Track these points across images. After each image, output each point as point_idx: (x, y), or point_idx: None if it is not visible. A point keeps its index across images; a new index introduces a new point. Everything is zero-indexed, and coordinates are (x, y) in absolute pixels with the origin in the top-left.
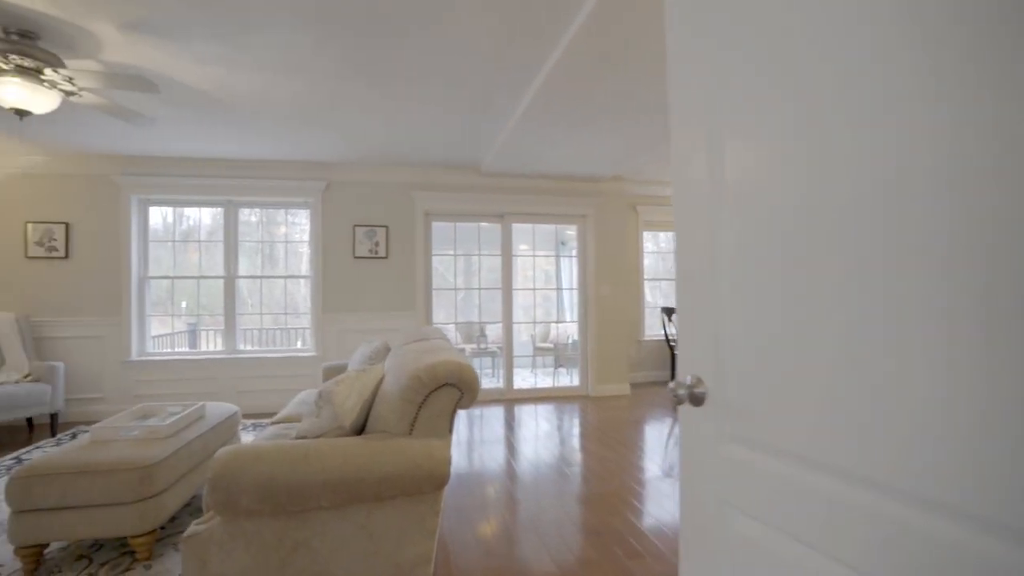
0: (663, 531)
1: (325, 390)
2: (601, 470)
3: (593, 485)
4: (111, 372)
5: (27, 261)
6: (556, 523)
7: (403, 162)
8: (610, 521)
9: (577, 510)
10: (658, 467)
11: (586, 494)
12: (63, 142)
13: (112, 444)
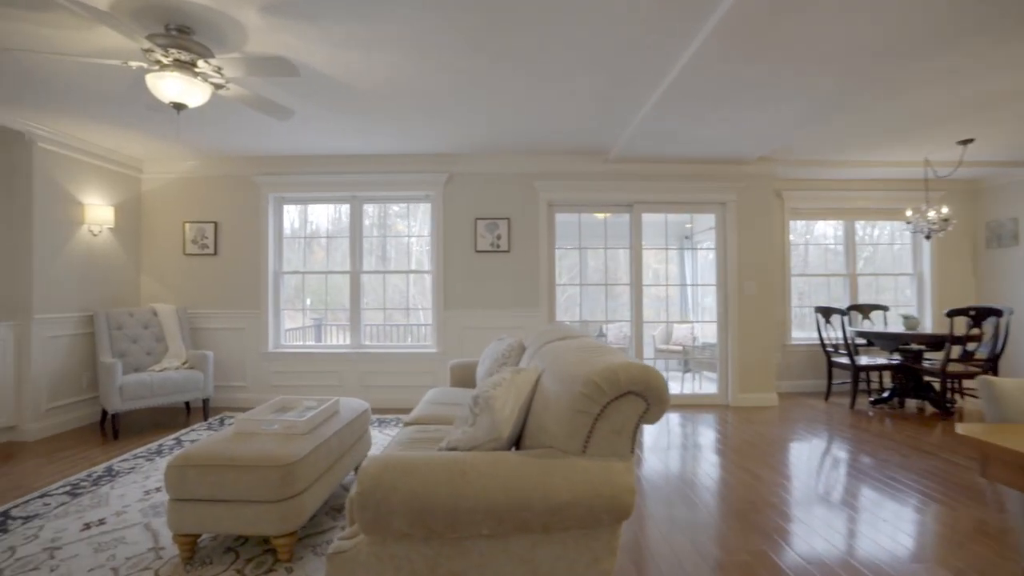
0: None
1: (484, 394)
2: (748, 493)
3: (736, 512)
4: (251, 362)
5: (185, 258)
6: (696, 559)
7: (526, 150)
8: (756, 561)
9: (718, 542)
10: (817, 496)
11: (727, 523)
12: (213, 146)
13: (254, 437)
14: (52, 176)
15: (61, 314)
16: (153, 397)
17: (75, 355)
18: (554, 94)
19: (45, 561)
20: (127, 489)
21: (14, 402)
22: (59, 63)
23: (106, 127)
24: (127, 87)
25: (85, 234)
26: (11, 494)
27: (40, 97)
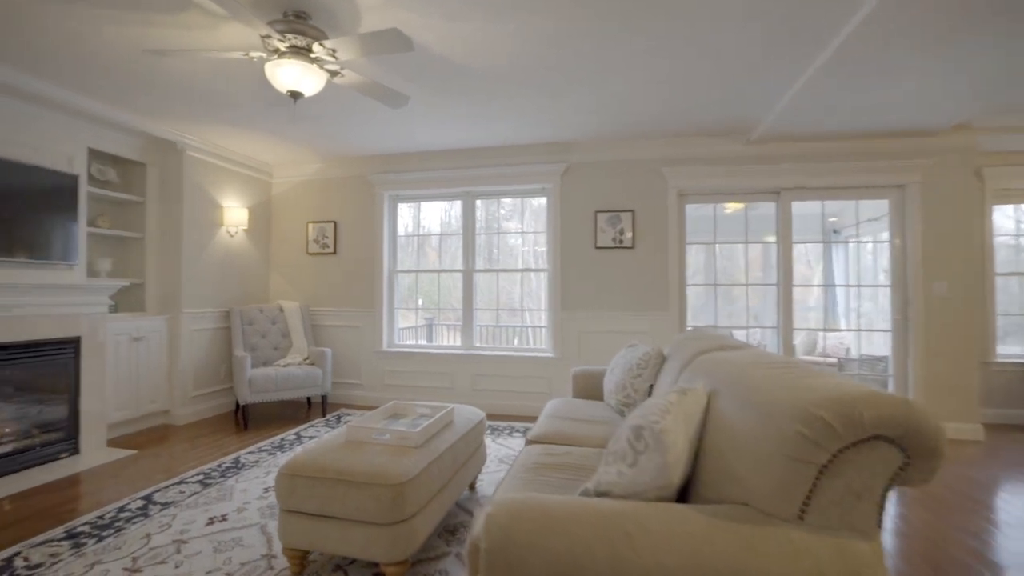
0: None
1: (652, 426)
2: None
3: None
4: (366, 360)
5: (308, 257)
6: None
7: (653, 133)
8: None
9: None
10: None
11: None
12: (333, 147)
13: (365, 448)
14: (197, 181)
15: (203, 309)
16: (277, 391)
17: (215, 347)
18: (690, 67)
19: (172, 556)
20: (249, 484)
21: (167, 388)
22: (197, 71)
23: (241, 133)
24: (253, 85)
25: (223, 235)
26: (158, 477)
27: (187, 107)
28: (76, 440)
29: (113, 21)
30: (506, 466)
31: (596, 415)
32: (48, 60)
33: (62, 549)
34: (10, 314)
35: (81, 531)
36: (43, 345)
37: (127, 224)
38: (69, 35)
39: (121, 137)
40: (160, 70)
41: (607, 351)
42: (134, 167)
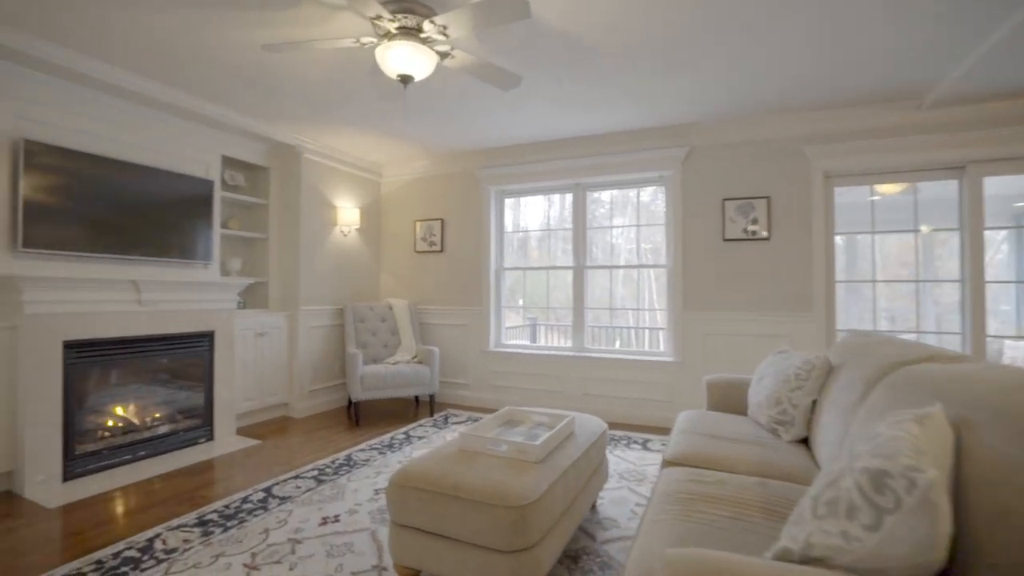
0: None
1: (906, 472)
2: None
3: None
4: (473, 360)
5: (416, 255)
6: None
7: (793, 106)
8: None
9: None
10: None
11: None
12: (439, 143)
13: (480, 460)
14: (314, 183)
15: (319, 306)
16: (387, 388)
17: (329, 344)
18: (843, 19)
19: (287, 556)
20: (360, 484)
21: (287, 382)
22: (312, 70)
23: (353, 134)
24: (364, 78)
25: (337, 235)
26: (277, 469)
27: (304, 109)
28: (211, 427)
29: (235, 24)
30: (627, 483)
31: (743, 433)
32: (186, 72)
33: (193, 536)
34: (160, 309)
35: (210, 519)
36: (185, 338)
37: (253, 225)
38: (200, 46)
39: (249, 143)
40: (279, 74)
41: (738, 357)
42: (259, 171)
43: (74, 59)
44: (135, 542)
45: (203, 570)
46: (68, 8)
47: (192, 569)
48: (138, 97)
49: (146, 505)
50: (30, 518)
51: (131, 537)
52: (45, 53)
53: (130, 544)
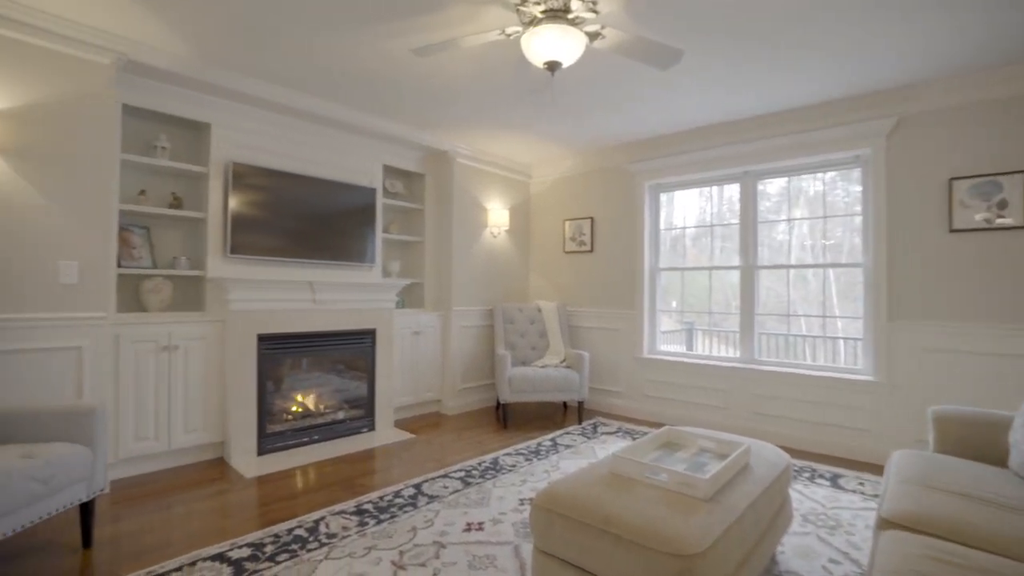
0: None
1: None
2: None
3: None
4: (626, 366)
5: (565, 255)
6: None
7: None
8: None
9: None
10: None
11: None
12: (588, 138)
13: (635, 489)
14: (465, 187)
15: (470, 307)
16: (534, 392)
17: (480, 344)
18: None
19: (431, 559)
20: (506, 491)
21: (440, 379)
22: (460, 73)
23: (502, 135)
24: (511, 73)
25: (487, 236)
26: (428, 466)
27: (455, 114)
28: (372, 418)
29: (387, 35)
30: (814, 528)
31: (1011, 496)
32: (350, 89)
33: (351, 524)
34: (331, 308)
35: (366, 509)
36: (351, 334)
37: (410, 229)
38: (359, 63)
39: (406, 152)
40: (432, 81)
41: (975, 382)
42: (416, 178)
43: (265, 88)
44: (304, 521)
45: (356, 560)
46: (258, 47)
47: (347, 558)
48: (312, 116)
49: (316, 487)
50: (233, 484)
51: (302, 516)
52: (244, 86)
53: (300, 523)
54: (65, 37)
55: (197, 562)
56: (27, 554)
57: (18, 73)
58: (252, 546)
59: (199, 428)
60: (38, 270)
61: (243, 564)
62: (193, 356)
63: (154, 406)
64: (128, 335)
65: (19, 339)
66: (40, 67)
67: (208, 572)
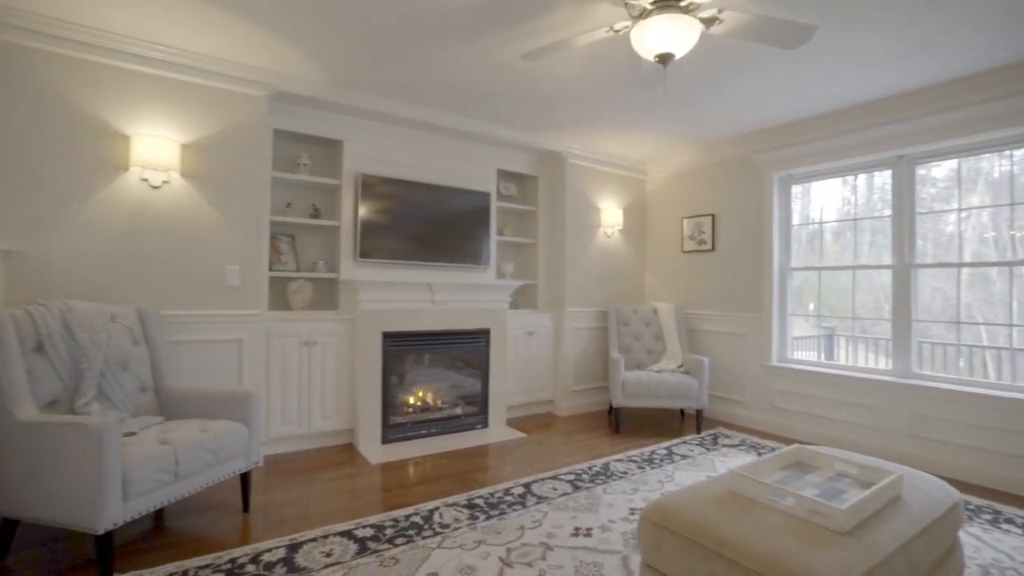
0: None
1: None
2: None
3: None
4: (751, 375)
5: (683, 255)
6: None
7: None
8: None
9: None
10: None
11: None
12: (706, 130)
13: (756, 511)
14: (578, 187)
15: (583, 308)
16: (649, 397)
17: (592, 346)
18: None
19: (537, 560)
20: (616, 498)
21: (552, 380)
22: (570, 73)
23: (614, 133)
24: (621, 70)
25: (601, 236)
26: (537, 466)
27: (566, 115)
28: (486, 416)
29: (498, 43)
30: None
31: None
32: (464, 98)
33: (462, 517)
34: (448, 308)
35: (477, 504)
36: (466, 334)
37: (524, 231)
38: (472, 72)
39: (519, 155)
40: (542, 84)
41: None
42: (529, 180)
43: (387, 104)
44: (420, 510)
45: (466, 552)
46: (381, 68)
47: (457, 549)
48: (429, 127)
49: (431, 478)
50: (360, 468)
51: (418, 504)
52: (370, 104)
53: (417, 511)
54: (230, 77)
55: (329, 536)
56: (204, 511)
57: (197, 112)
58: (374, 527)
59: (333, 415)
60: (211, 274)
61: (366, 543)
62: (329, 351)
63: (296, 394)
64: (277, 330)
65: (196, 331)
66: (212, 105)
67: (337, 546)
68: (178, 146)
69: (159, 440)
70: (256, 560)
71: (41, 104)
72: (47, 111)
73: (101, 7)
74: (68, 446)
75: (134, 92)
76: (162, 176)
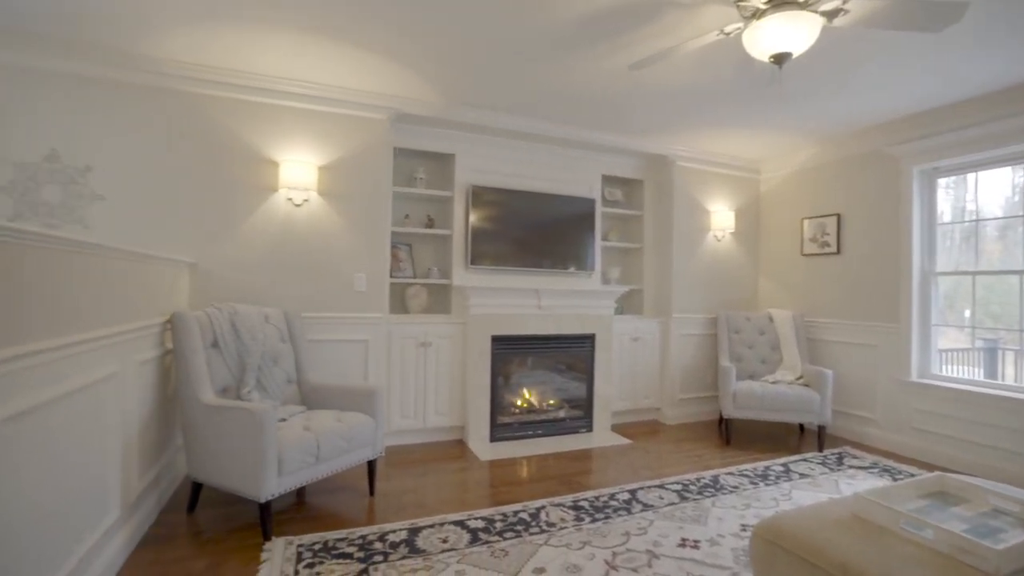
0: None
1: None
2: None
3: None
4: (884, 391)
5: (802, 259)
6: None
7: None
8: None
9: None
10: None
11: None
12: (830, 123)
13: (884, 539)
14: (686, 190)
15: (691, 314)
16: (762, 410)
17: (701, 353)
18: None
19: (643, 567)
20: (726, 513)
21: (658, 387)
22: (675, 78)
23: (724, 133)
24: (731, 71)
25: (711, 240)
26: (643, 474)
27: (673, 118)
28: (590, 420)
29: (602, 55)
30: None
31: None
32: (568, 108)
33: (568, 517)
34: (554, 313)
35: (582, 506)
36: (571, 338)
37: (629, 236)
38: (576, 83)
39: (624, 160)
40: (647, 89)
41: None
42: (634, 185)
43: (495, 117)
44: (528, 507)
45: (572, 552)
46: (489, 84)
47: (564, 548)
48: (535, 137)
49: (537, 478)
50: (471, 464)
51: (526, 502)
52: (479, 118)
53: (524, 508)
54: (358, 104)
55: (445, 524)
56: (336, 492)
57: (331, 138)
58: (485, 520)
59: (445, 412)
60: (342, 280)
61: (478, 534)
62: (442, 352)
63: (413, 391)
64: (396, 332)
65: (330, 331)
66: (343, 130)
67: (452, 534)
68: (316, 168)
69: (303, 427)
70: (383, 539)
71: (214, 140)
72: (219, 145)
73: (255, 54)
74: (237, 426)
75: (281, 123)
76: (303, 195)
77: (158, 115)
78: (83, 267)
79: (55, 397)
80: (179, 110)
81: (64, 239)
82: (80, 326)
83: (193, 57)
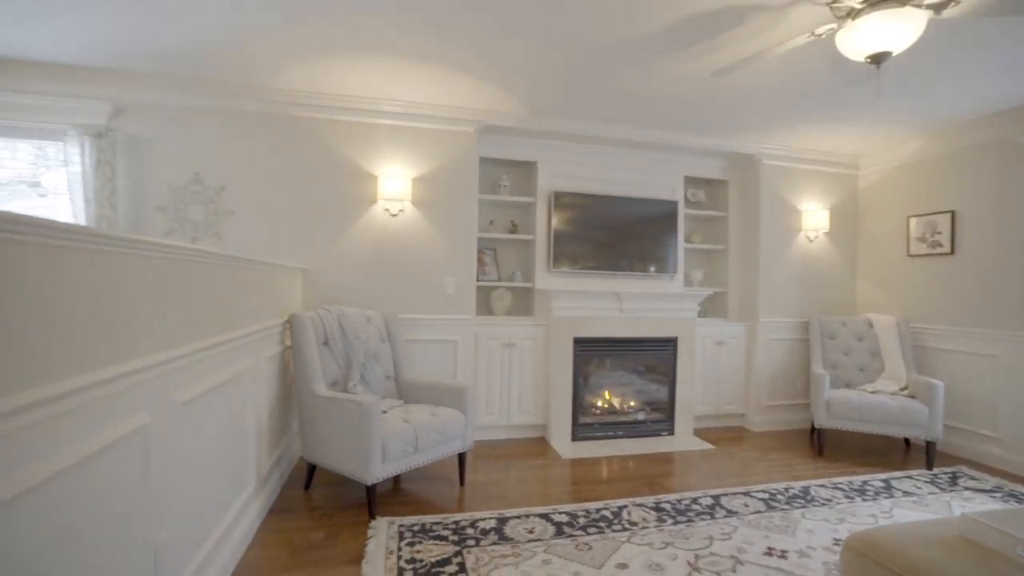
0: None
1: None
2: None
3: None
4: (1008, 406)
5: (909, 260)
6: None
7: None
8: None
9: None
10: None
11: None
12: (939, 113)
13: (995, 564)
14: (774, 189)
15: (780, 318)
16: (860, 421)
17: (791, 359)
18: None
19: (727, 572)
20: (816, 525)
21: (743, 393)
22: (762, 79)
23: (816, 129)
24: (822, 69)
25: (802, 240)
26: (727, 480)
27: (759, 117)
28: (672, 423)
29: (685, 60)
30: None
31: None
32: (649, 112)
33: (650, 518)
34: (635, 316)
35: (664, 507)
36: (653, 341)
37: (713, 238)
38: (656, 88)
39: (707, 161)
40: (733, 90)
41: None
42: (718, 185)
43: (576, 124)
44: (610, 505)
45: (654, 551)
46: (570, 92)
47: (646, 547)
48: (615, 142)
49: (618, 478)
50: (553, 461)
51: (608, 500)
52: (560, 126)
53: (606, 506)
54: (447, 119)
55: (530, 516)
56: (430, 480)
57: (426, 151)
58: (568, 515)
59: (529, 411)
60: (433, 284)
61: (562, 527)
62: (525, 352)
63: (498, 389)
64: (483, 333)
65: (423, 332)
66: (436, 144)
67: (538, 526)
68: (410, 180)
69: (403, 419)
70: (473, 525)
71: (323, 158)
72: (327, 163)
73: (359, 81)
74: (347, 416)
75: (380, 140)
76: (399, 205)
77: (279, 139)
78: (242, 278)
79: (225, 380)
80: (295, 133)
81: (237, 258)
82: (234, 325)
83: (308, 87)
